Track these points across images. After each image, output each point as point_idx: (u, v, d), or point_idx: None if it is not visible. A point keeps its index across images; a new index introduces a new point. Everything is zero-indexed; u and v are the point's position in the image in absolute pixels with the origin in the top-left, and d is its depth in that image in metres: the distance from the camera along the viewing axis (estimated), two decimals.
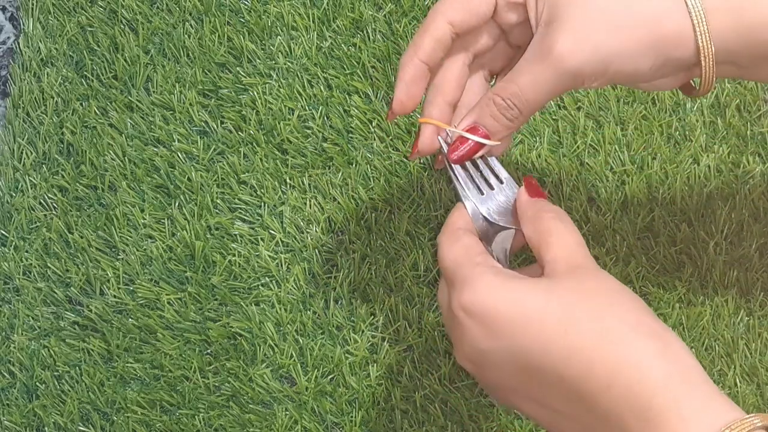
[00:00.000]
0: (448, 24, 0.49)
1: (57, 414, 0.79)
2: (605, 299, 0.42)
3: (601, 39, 0.45)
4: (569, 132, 0.82)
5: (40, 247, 0.82)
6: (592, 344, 0.40)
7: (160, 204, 0.83)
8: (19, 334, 0.81)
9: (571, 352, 0.41)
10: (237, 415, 0.78)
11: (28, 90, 0.86)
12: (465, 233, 0.48)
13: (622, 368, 0.39)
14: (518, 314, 0.42)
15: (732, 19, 0.45)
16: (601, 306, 0.42)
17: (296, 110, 0.84)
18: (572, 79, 0.46)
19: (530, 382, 0.43)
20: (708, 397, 0.39)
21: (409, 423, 0.77)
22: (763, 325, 0.77)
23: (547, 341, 0.41)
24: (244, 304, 0.80)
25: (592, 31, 0.45)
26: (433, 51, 0.50)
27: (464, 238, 0.47)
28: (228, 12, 0.87)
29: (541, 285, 0.43)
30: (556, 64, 0.46)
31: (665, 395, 0.38)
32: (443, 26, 0.49)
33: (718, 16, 0.45)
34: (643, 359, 0.40)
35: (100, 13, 0.88)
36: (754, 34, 0.45)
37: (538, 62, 0.47)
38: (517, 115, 0.49)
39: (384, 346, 0.78)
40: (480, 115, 0.50)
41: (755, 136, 0.81)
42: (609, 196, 0.80)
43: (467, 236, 0.47)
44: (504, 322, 0.42)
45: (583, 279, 0.43)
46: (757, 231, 0.79)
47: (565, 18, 0.46)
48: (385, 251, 0.80)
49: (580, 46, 0.45)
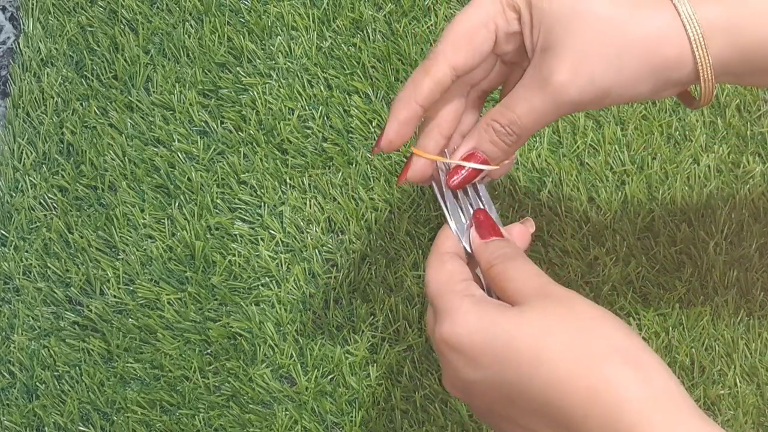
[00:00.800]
0: (451, 68, 0.49)
1: (57, 414, 0.79)
2: (576, 325, 0.42)
3: (599, 69, 0.45)
4: (569, 132, 0.82)
5: (40, 247, 0.82)
6: (567, 374, 0.40)
7: (160, 204, 0.83)
8: (19, 334, 0.81)
9: (548, 383, 0.41)
10: (237, 415, 0.78)
11: (28, 90, 0.86)
12: (451, 258, 0.48)
13: (597, 398, 0.40)
14: (495, 345, 0.43)
15: (730, 40, 0.45)
16: (572, 334, 0.42)
17: (296, 110, 0.84)
18: (571, 108, 0.46)
19: (516, 409, 0.43)
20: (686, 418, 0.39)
21: (409, 423, 0.77)
22: (763, 325, 0.77)
23: (524, 372, 0.42)
24: (244, 304, 0.80)
25: (589, 62, 0.45)
26: (431, 93, 0.49)
27: (449, 264, 0.47)
28: (228, 12, 0.87)
29: (514, 314, 0.43)
30: (554, 95, 0.46)
31: (642, 422, 0.39)
32: (445, 70, 0.49)
33: (717, 38, 0.45)
34: (618, 387, 0.40)
35: (100, 13, 0.88)
36: (753, 51, 0.45)
37: (536, 91, 0.46)
38: (515, 141, 0.49)
39: (384, 346, 0.78)
40: (479, 141, 0.50)
41: (755, 136, 0.81)
42: (609, 196, 0.80)
43: (452, 261, 0.48)
44: (482, 354, 0.43)
45: (552, 305, 0.43)
46: (757, 231, 0.79)
47: (562, 46, 0.45)
48: (385, 251, 0.80)
49: (578, 77, 0.45)
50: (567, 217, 0.80)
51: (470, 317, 0.43)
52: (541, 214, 0.80)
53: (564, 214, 0.80)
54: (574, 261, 0.79)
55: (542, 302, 0.43)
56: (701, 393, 0.75)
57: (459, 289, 0.45)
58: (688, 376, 0.76)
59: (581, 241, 0.79)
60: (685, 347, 0.76)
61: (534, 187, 0.81)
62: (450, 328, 0.44)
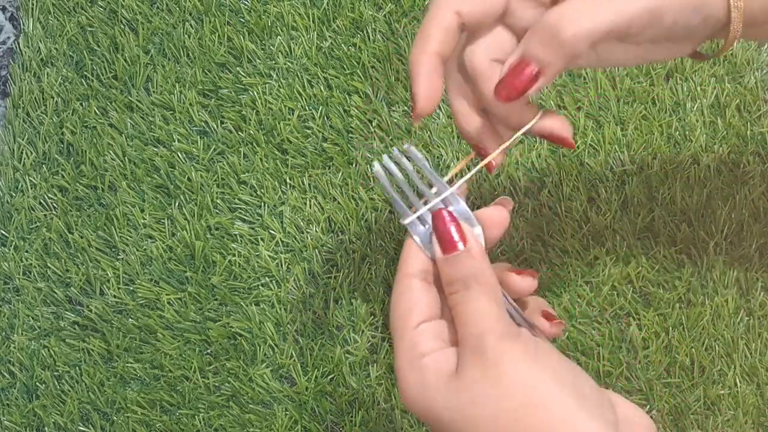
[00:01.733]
0: (455, 13, 0.45)
1: (57, 414, 0.79)
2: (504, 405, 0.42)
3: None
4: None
5: (40, 247, 0.82)
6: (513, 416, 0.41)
7: (160, 204, 0.83)
8: (19, 334, 0.81)
9: None
10: (237, 415, 0.78)
11: (28, 90, 0.86)
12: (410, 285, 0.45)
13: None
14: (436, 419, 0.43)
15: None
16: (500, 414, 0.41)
17: (296, 110, 0.84)
18: None
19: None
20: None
21: (409, 423, 0.77)
22: (763, 325, 0.77)
23: None
24: (244, 304, 0.80)
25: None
26: (443, 41, 0.45)
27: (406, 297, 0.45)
28: (228, 12, 0.87)
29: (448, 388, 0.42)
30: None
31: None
32: (450, 16, 0.45)
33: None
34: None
35: (100, 13, 0.88)
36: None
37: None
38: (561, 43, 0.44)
39: (384, 346, 0.78)
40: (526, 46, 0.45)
41: (755, 136, 0.81)
42: (609, 196, 0.80)
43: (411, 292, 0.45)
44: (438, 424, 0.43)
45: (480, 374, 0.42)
46: (757, 231, 0.79)
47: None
48: (385, 251, 0.80)
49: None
50: (567, 217, 0.80)
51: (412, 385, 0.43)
52: (541, 214, 0.80)
53: (564, 214, 0.80)
54: (574, 261, 0.79)
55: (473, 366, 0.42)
56: (701, 393, 0.75)
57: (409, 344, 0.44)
58: (688, 376, 0.76)
59: (581, 241, 0.79)
60: (685, 347, 0.76)
61: (534, 187, 0.81)
62: (402, 393, 0.44)
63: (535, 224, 0.79)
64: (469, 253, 0.44)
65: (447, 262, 0.44)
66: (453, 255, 0.44)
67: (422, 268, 0.45)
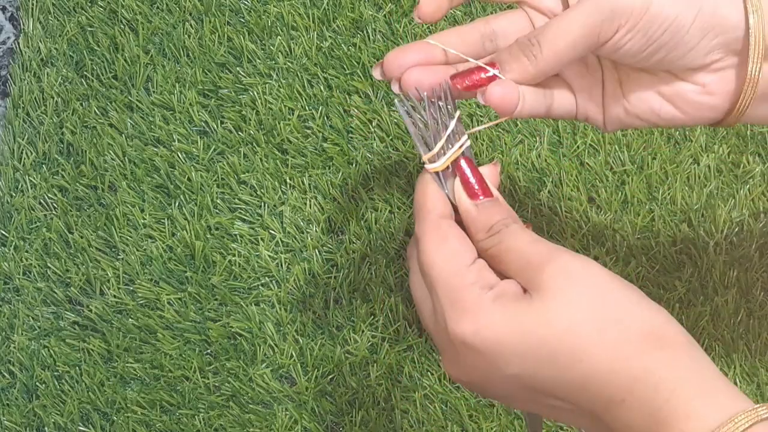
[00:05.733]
0: None
1: (57, 414, 0.79)
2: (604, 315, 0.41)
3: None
4: (569, 132, 0.82)
5: (40, 247, 0.82)
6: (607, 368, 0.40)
7: (160, 204, 0.83)
8: (19, 334, 0.81)
9: (585, 377, 0.40)
10: (237, 415, 0.78)
11: (28, 90, 0.86)
12: (450, 229, 0.44)
13: (636, 384, 0.39)
14: (526, 347, 0.41)
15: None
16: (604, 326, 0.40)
17: (296, 110, 0.84)
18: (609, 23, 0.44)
19: (538, 398, 0.43)
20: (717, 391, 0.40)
21: (409, 423, 0.77)
22: (763, 325, 0.77)
23: (559, 368, 0.41)
24: (244, 304, 0.80)
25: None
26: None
27: (452, 241, 0.43)
28: (228, 12, 0.87)
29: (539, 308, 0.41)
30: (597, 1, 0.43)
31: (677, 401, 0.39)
32: None
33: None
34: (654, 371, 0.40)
35: (100, 13, 0.88)
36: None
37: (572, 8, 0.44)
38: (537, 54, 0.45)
39: (384, 346, 0.78)
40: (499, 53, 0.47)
41: (755, 136, 0.81)
42: (609, 196, 0.80)
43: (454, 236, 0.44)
44: (511, 355, 0.41)
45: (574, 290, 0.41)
46: (757, 231, 0.79)
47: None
48: (385, 251, 0.80)
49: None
50: (567, 217, 0.80)
51: (495, 318, 0.41)
52: (541, 214, 0.80)
53: (564, 214, 0.80)
54: None
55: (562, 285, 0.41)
56: None
57: (472, 279, 0.42)
58: None
59: (581, 241, 0.79)
60: None
61: (534, 187, 0.81)
62: (473, 328, 0.41)
63: (535, 224, 0.79)
64: (498, 197, 0.45)
65: (481, 207, 0.44)
66: (488, 200, 0.44)
67: (448, 211, 0.45)
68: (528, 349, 0.41)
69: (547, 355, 0.41)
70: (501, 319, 0.41)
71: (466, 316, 0.41)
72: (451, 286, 0.42)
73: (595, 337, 0.40)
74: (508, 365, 0.41)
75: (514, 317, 0.41)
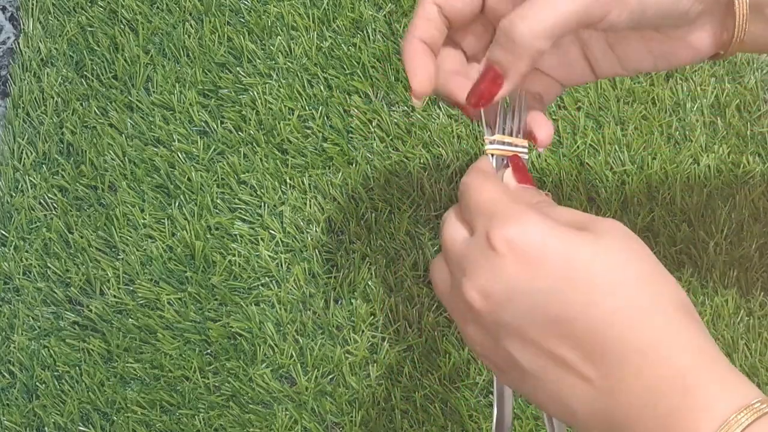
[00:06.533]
0: (435, 5, 0.49)
1: (57, 414, 0.79)
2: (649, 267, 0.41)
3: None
4: (569, 132, 0.82)
5: (40, 247, 0.82)
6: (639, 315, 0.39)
7: (160, 204, 0.83)
8: (19, 334, 0.81)
9: (614, 316, 0.39)
10: (237, 415, 0.78)
11: (28, 90, 0.86)
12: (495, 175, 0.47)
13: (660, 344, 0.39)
14: (569, 264, 0.40)
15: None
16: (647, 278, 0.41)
17: (296, 110, 0.84)
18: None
19: (551, 330, 0.41)
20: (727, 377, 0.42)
21: (409, 423, 0.77)
22: (763, 325, 0.77)
23: (591, 298, 0.40)
24: (244, 304, 0.80)
25: None
26: (427, 29, 0.49)
27: (495, 180, 0.45)
28: (228, 12, 0.87)
29: (591, 238, 0.41)
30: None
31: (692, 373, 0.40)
32: (431, 7, 0.49)
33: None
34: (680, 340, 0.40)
35: (100, 13, 0.88)
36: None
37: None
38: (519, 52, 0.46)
39: (384, 346, 0.78)
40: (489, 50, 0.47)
41: (755, 136, 0.81)
42: (609, 196, 0.80)
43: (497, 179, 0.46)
44: (552, 267, 0.40)
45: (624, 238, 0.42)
46: (757, 231, 0.79)
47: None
48: (385, 251, 0.80)
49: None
50: None
51: (545, 228, 0.41)
52: None
53: None
54: None
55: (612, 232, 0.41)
56: None
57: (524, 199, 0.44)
58: None
59: None
60: None
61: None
62: (520, 229, 0.41)
63: None
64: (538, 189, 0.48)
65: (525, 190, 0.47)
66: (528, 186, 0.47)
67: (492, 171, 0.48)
68: (569, 268, 0.40)
69: (586, 280, 0.40)
70: (550, 231, 0.41)
71: (515, 220, 0.41)
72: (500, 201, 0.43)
73: (637, 284, 0.40)
74: (543, 277, 0.40)
75: (562, 233, 0.41)
